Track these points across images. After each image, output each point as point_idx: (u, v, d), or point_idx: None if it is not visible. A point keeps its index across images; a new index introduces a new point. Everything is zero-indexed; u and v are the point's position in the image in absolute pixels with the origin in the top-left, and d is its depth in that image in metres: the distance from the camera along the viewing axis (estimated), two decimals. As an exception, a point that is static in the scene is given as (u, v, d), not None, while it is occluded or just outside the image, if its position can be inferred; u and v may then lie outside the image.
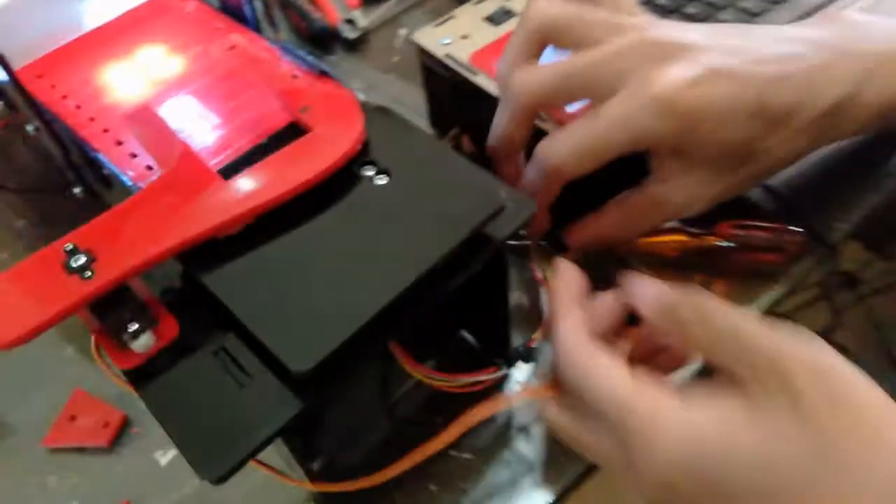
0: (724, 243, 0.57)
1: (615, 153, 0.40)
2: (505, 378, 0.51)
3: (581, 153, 0.40)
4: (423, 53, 0.60)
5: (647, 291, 0.34)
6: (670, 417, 0.29)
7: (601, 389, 0.31)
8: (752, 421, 0.26)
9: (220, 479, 0.32)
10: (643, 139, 0.39)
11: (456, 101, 0.61)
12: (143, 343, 0.35)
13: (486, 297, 0.46)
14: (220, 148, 0.41)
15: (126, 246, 0.35)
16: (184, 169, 0.38)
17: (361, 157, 0.39)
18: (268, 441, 0.33)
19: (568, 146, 0.40)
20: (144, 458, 0.52)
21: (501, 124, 0.45)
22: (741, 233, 0.57)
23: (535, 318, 0.57)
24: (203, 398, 0.35)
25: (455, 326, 0.54)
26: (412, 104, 0.69)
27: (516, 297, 0.56)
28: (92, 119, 0.48)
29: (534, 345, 0.41)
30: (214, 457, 0.32)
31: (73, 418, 0.54)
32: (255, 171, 0.38)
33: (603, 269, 0.43)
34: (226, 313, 0.35)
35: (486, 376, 0.41)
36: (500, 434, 0.51)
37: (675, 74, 0.36)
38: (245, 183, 0.37)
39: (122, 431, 0.53)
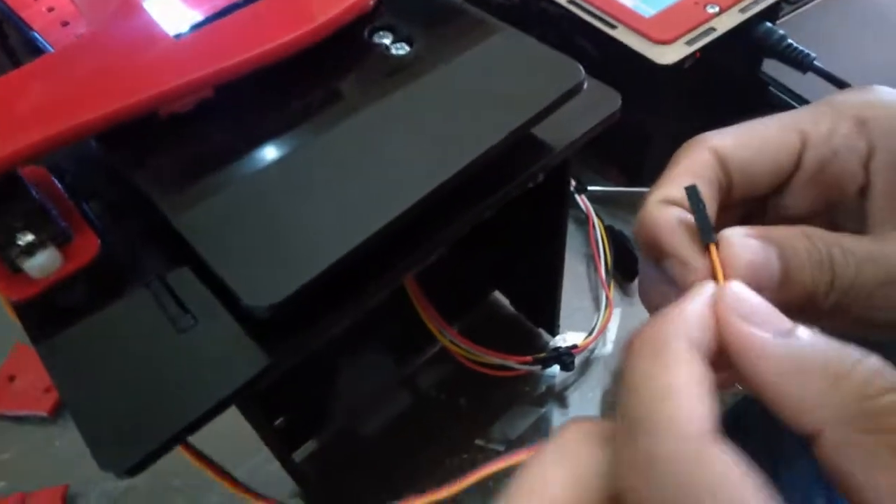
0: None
1: None
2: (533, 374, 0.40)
3: None
4: None
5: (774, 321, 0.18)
6: None
7: None
8: None
9: (131, 471, 0.21)
10: None
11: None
12: (41, 263, 0.24)
13: (534, 236, 0.34)
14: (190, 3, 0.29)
15: (21, 118, 0.24)
16: (118, 24, 0.26)
17: (374, 18, 0.28)
18: (212, 412, 0.22)
19: None
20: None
21: None
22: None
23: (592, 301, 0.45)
24: (124, 347, 0.24)
25: (488, 280, 0.42)
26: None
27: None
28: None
29: (580, 353, 0.29)
30: (127, 438, 0.21)
31: (11, 378, 0.44)
32: (220, 26, 0.26)
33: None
34: (166, 228, 0.24)
35: (515, 364, 0.31)
36: (538, 423, 0.41)
37: None
38: (202, 41, 0.26)
39: (66, 398, 0.43)
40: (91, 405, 0.22)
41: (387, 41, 0.27)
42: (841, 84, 0.46)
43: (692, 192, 0.21)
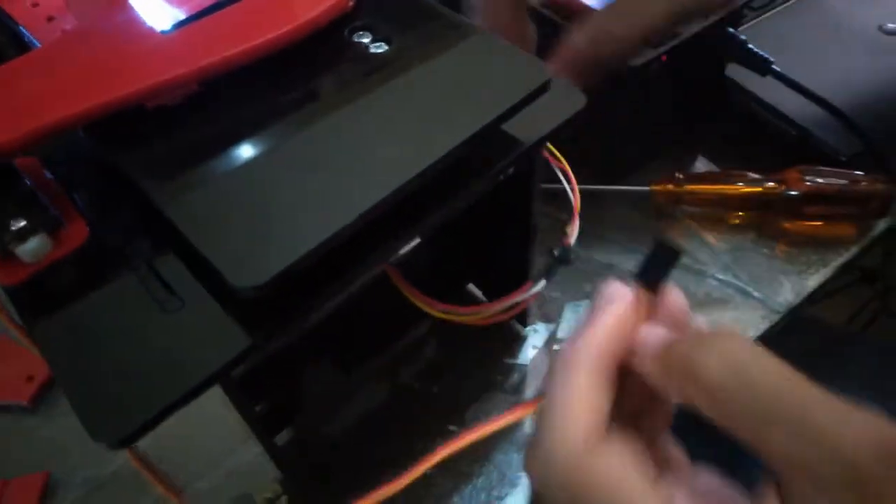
0: (793, 192, 0.47)
1: None
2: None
3: None
4: None
5: (652, 337, 0.23)
6: None
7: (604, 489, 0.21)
8: None
9: (123, 442, 0.22)
10: None
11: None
12: (33, 249, 0.25)
13: (505, 230, 0.36)
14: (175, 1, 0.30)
15: (12, 109, 0.25)
16: (105, 20, 0.28)
17: (354, 18, 0.29)
18: (199, 388, 0.23)
19: None
20: (74, 421, 0.42)
21: None
22: (812, 181, 0.47)
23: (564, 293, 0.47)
24: (113, 328, 0.25)
25: (462, 273, 0.44)
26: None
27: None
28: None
29: (572, 241, 0.31)
30: (117, 412, 0.23)
31: (-8, 368, 0.44)
32: (207, 23, 0.27)
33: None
34: (154, 214, 0.25)
35: (521, 296, 0.32)
36: (510, 408, 0.42)
37: None
38: (189, 37, 0.27)
39: (47, 387, 0.44)
40: (82, 381, 0.23)
41: (366, 40, 0.29)
42: (794, 86, 0.48)
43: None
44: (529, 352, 0.45)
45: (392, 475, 0.39)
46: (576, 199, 0.35)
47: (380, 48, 0.28)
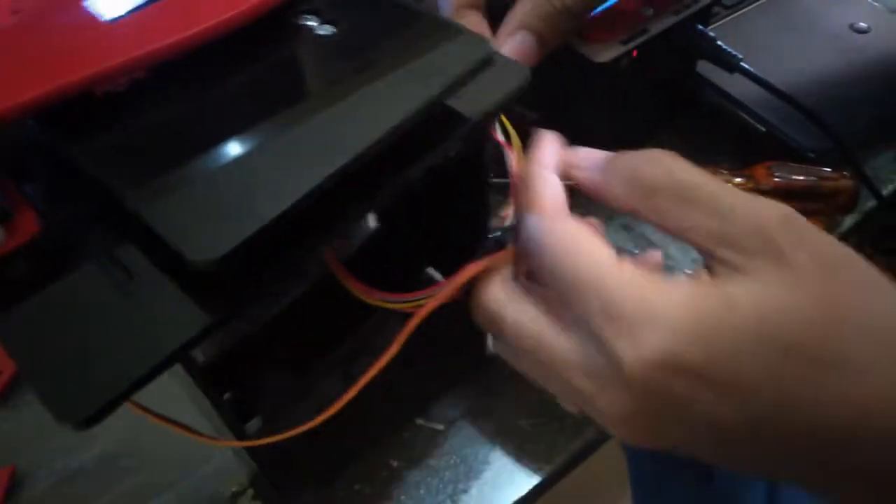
0: (762, 188, 0.48)
1: None
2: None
3: None
4: None
5: (594, 160, 0.30)
6: (664, 296, 0.23)
7: (583, 268, 0.25)
8: (750, 293, 0.23)
9: (87, 422, 0.22)
10: None
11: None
12: (-16, 239, 0.25)
13: (459, 210, 0.36)
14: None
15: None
16: (51, 9, 0.28)
17: (302, 1, 0.30)
18: (161, 366, 0.23)
19: None
20: (41, 415, 0.42)
21: None
22: (781, 177, 0.48)
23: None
24: (73, 313, 0.25)
25: (420, 257, 0.44)
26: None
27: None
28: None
29: (507, 222, 0.31)
30: (81, 392, 0.23)
31: (-45, 363, 0.44)
32: (154, 9, 0.28)
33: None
34: (108, 200, 0.25)
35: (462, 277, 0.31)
36: (478, 400, 0.42)
37: None
38: (136, 23, 0.27)
39: (14, 381, 0.43)
40: (44, 366, 0.23)
41: (314, 23, 0.29)
42: (762, 83, 0.48)
43: None
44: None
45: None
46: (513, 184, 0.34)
47: (326, 30, 0.29)
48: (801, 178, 0.48)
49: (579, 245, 0.26)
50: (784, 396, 0.22)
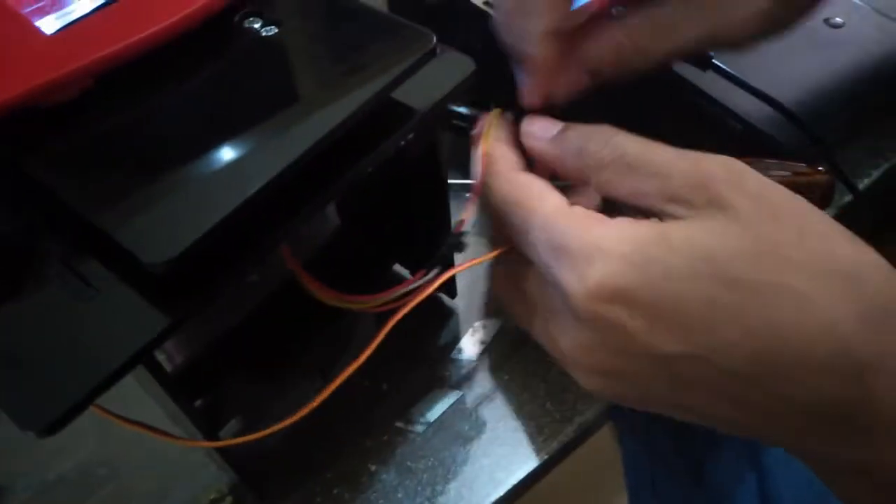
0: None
1: None
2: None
3: None
4: None
5: (547, 130, 0.31)
6: (607, 230, 0.25)
7: (534, 210, 0.28)
8: (686, 229, 0.25)
9: (50, 428, 0.22)
10: None
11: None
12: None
13: (420, 204, 0.37)
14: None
15: None
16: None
17: (244, 5, 0.30)
18: (122, 370, 0.24)
19: None
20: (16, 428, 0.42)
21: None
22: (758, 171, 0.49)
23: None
24: (32, 322, 0.25)
25: (386, 255, 0.45)
26: None
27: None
28: None
29: (464, 227, 0.32)
30: (43, 399, 0.23)
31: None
32: (96, 18, 0.28)
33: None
34: (61, 210, 0.25)
35: (412, 285, 0.32)
36: (456, 405, 0.42)
37: None
38: (78, 33, 0.27)
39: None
40: (6, 375, 0.23)
41: (257, 25, 0.30)
42: (734, 80, 0.49)
43: None
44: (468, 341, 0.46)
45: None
46: (478, 184, 0.33)
47: (270, 31, 0.29)
48: (776, 173, 0.49)
49: (530, 190, 0.28)
50: (719, 322, 0.23)
